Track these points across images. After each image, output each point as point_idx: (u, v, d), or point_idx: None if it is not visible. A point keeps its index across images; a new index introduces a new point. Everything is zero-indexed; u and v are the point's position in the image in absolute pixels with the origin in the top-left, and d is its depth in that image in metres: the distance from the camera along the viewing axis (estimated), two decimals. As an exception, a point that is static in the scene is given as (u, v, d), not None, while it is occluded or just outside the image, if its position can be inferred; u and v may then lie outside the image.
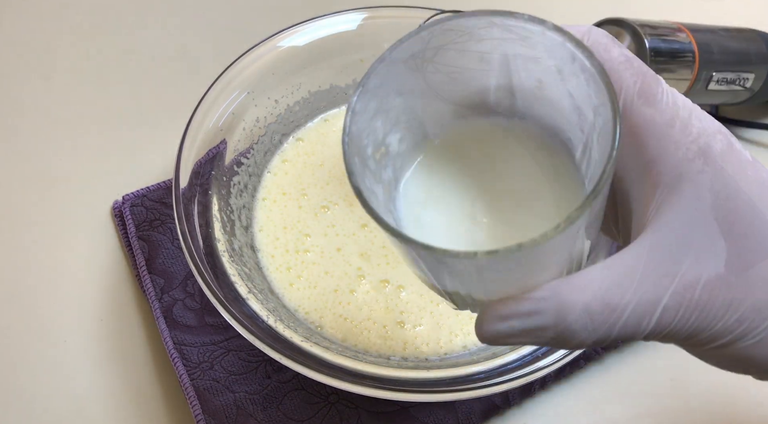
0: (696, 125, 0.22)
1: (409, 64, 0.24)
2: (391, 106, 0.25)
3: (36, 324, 0.43)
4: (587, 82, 0.22)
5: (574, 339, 0.21)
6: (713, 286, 0.21)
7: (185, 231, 0.39)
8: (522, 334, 0.22)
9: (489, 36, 0.24)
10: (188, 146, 0.42)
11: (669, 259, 0.21)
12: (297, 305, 0.42)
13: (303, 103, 0.49)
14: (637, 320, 0.21)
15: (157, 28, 0.59)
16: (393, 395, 0.35)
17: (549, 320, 0.21)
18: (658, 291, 0.21)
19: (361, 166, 0.24)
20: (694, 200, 0.21)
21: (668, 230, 0.21)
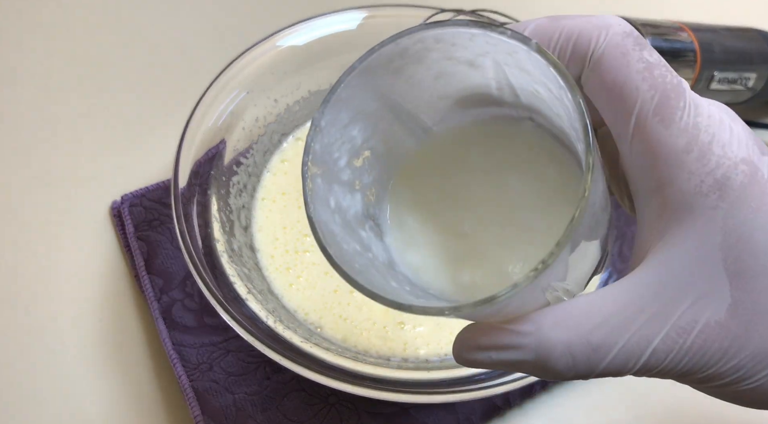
0: (716, 153, 0.20)
1: (386, 70, 0.23)
2: (370, 110, 0.24)
3: (34, 325, 0.43)
4: (572, 111, 0.21)
5: (553, 375, 0.20)
6: (710, 332, 0.19)
7: (184, 231, 0.39)
8: (499, 364, 0.21)
9: (474, 45, 0.22)
10: (187, 146, 0.42)
11: (665, 300, 0.19)
12: (296, 305, 0.42)
13: (303, 103, 0.49)
14: (623, 361, 0.20)
15: (156, 27, 0.59)
16: (393, 396, 0.35)
17: (529, 355, 0.20)
18: (649, 333, 0.19)
19: (325, 185, 0.23)
20: (702, 238, 0.19)
21: (669, 268, 0.20)
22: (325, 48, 0.49)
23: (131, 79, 0.56)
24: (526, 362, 0.20)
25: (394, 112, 0.25)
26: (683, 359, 0.20)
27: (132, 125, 0.53)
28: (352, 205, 0.24)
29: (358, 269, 0.22)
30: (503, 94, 0.25)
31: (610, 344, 0.19)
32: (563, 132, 0.24)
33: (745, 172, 0.20)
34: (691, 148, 0.20)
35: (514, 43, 0.21)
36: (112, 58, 0.57)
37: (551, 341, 0.20)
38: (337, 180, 0.24)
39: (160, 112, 0.53)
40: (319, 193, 0.23)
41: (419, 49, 0.23)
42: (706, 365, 0.20)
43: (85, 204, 0.48)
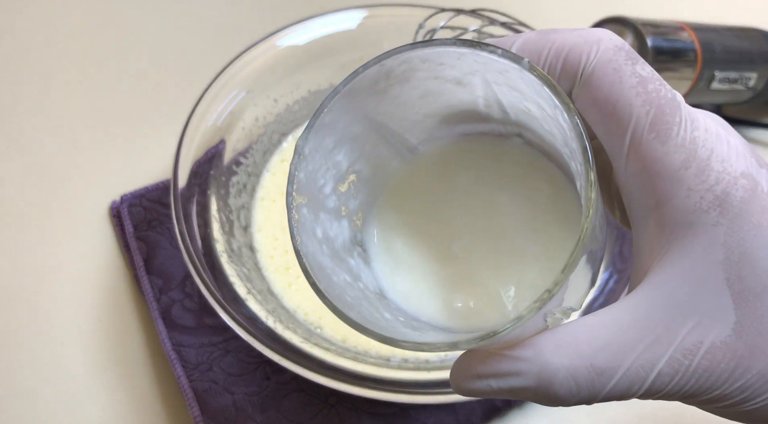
0: (716, 168, 0.19)
1: (370, 91, 0.22)
2: (355, 133, 0.23)
3: (33, 325, 0.43)
4: (568, 131, 0.20)
5: (556, 402, 0.20)
6: (716, 353, 0.19)
7: (183, 231, 0.39)
8: (499, 392, 0.20)
9: (462, 64, 0.22)
10: (187, 146, 0.42)
11: (669, 321, 0.19)
12: (296, 305, 0.42)
13: (302, 103, 0.49)
14: (627, 385, 0.19)
15: (156, 27, 0.59)
16: (393, 396, 0.35)
17: (530, 382, 0.19)
18: (653, 356, 0.19)
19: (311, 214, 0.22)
20: (703, 256, 0.19)
21: (671, 288, 0.19)
22: (325, 48, 0.49)
23: (131, 79, 0.56)
24: (528, 389, 0.19)
25: (379, 133, 0.24)
26: (689, 381, 0.19)
27: (131, 125, 0.53)
28: (340, 233, 0.23)
29: (350, 303, 0.21)
30: (491, 111, 0.24)
31: (614, 368, 0.19)
32: (554, 149, 0.23)
33: (745, 187, 0.19)
34: (689, 164, 0.19)
35: (504, 62, 0.20)
36: (112, 58, 0.57)
37: (553, 366, 0.19)
38: (323, 208, 0.23)
39: (160, 112, 0.53)
40: (305, 223, 0.22)
41: (405, 70, 0.22)
42: (712, 387, 0.19)
43: (84, 204, 0.48)
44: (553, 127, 0.22)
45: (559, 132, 0.21)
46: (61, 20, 0.59)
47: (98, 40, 0.58)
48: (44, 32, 0.58)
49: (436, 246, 0.24)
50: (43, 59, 0.56)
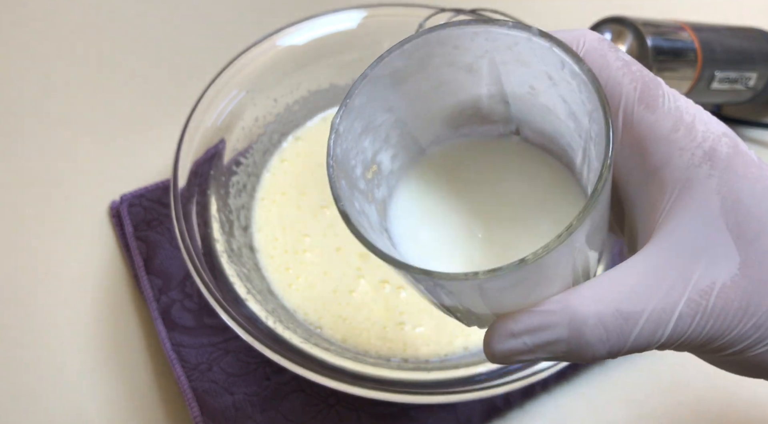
0: (700, 129, 0.21)
1: (393, 79, 0.24)
2: (380, 123, 0.25)
3: (33, 325, 0.43)
4: (579, 89, 0.22)
5: (589, 352, 0.21)
6: (728, 292, 0.20)
7: (183, 231, 0.39)
8: (534, 349, 0.21)
9: (474, 46, 0.23)
10: (186, 146, 0.42)
11: (681, 265, 0.20)
12: (296, 305, 0.42)
13: (302, 102, 0.49)
14: (652, 329, 0.20)
15: (155, 27, 0.59)
16: (393, 396, 0.35)
17: (562, 332, 0.20)
18: (673, 299, 0.20)
19: (348, 189, 0.23)
20: (703, 206, 0.21)
21: (678, 236, 0.21)
22: (325, 48, 0.49)
23: (131, 78, 0.56)
24: (560, 340, 0.20)
25: (398, 129, 0.25)
26: (708, 322, 0.20)
27: (131, 125, 0.53)
28: (371, 214, 0.25)
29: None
30: (493, 106, 0.25)
31: (639, 312, 0.20)
32: (552, 138, 0.25)
33: (728, 144, 0.21)
34: (678, 127, 0.21)
35: (515, 34, 0.22)
36: (112, 58, 0.57)
37: (582, 314, 0.20)
38: (356, 187, 0.24)
39: (160, 112, 0.53)
40: (345, 193, 0.23)
41: (422, 56, 0.23)
42: (729, 327, 0.21)
43: (84, 204, 0.48)
44: (557, 98, 0.23)
45: (568, 93, 0.22)
46: (61, 20, 0.59)
47: (98, 40, 0.58)
48: (44, 32, 0.58)
49: (457, 230, 0.25)
50: (43, 59, 0.56)
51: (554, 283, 0.21)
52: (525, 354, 0.21)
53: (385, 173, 0.26)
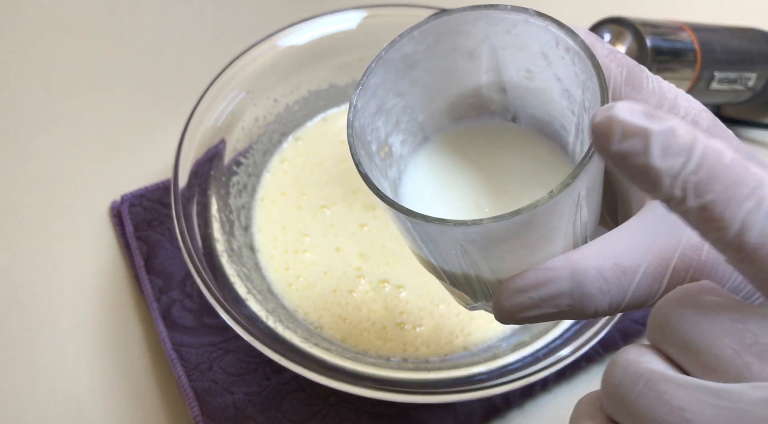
0: (683, 105, 0.23)
1: (404, 64, 0.25)
2: (391, 106, 0.26)
3: (34, 325, 0.43)
4: (572, 61, 0.23)
5: (591, 305, 0.22)
6: None
7: (184, 231, 0.39)
8: (540, 303, 0.22)
9: (476, 31, 0.25)
10: (187, 146, 0.42)
11: (673, 223, 0.22)
12: (296, 305, 0.42)
13: (302, 103, 0.49)
14: (649, 282, 0.22)
15: (156, 27, 0.59)
16: (393, 396, 0.35)
17: (565, 285, 0.22)
18: (667, 253, 0.22)
19: (367, 159, 0.24)
20: None
21: None
22: (325, 48, 0.49)
23: (131, 79, 0.56)
24: (564, 293, 0.22)
25: (407, 115, 0.27)
26: (701, 276, 0.22)
27: (131, 125, 0.53)
28: (386, 188, 0.26)
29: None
30: (491, 94, 0.27)
31: (636, 266, 0.21)
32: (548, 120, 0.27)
33: (708, 118, 0.23)
34: (662, 103, 0.23)
35: (513, 16, 0.24)
36: (112, 58, 0.57)
37: (583, 268, 0.21)
38: (374, 163, 0.26)
39: (160, 112, 0.53)
40: (365, 161, 0.24)
41: (430, 41, 0.25)
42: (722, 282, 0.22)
43: (84, 204, 0.48)
44: (551, 78, 0.25)
45: (564, 71, 0.24)
46: (61, 20, 0.59)
47: (98, 41, 0.58)
48: (45, 32, 0.58)
49: (466, 207, 0.27)
50: (43, 59, 0.56)
51: (555, 242, 0.23)
52: (531, 309, 0.22)
53: (396, 156, 0.27)
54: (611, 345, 0.42)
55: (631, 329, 0.43)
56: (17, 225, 0.47)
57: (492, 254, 0.23)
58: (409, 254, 0.44)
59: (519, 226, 0.21)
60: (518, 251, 0.23)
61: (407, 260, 0.43)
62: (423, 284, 0.43)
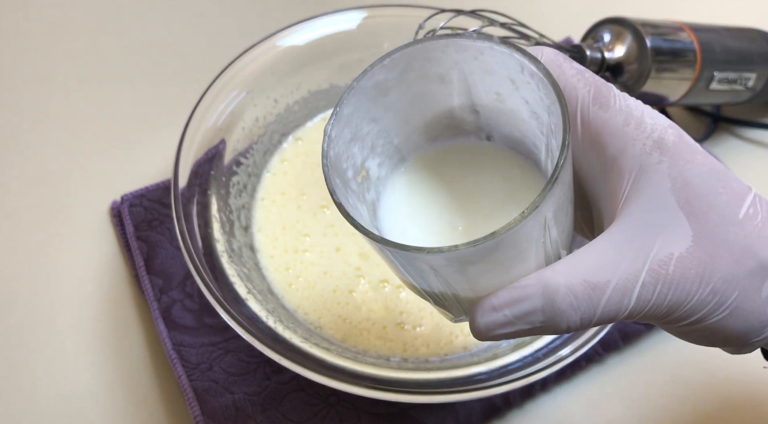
0: (649, 122, 0.24)
1: (376, 91, 0.26)
2: (366, 132, 0.27)
3: (34, 325, 0.43)
4: (537, 87, 0.24)
5: (563, 320, 0.23)
6: (684, 261, 0.23)
7: (184, 231, 0.39)
8: (514, 321, 0.23)
9: (445, 57, 0.26)
10: (187, 146, 0.42)
11: (641, 240, 0.23)
12: (296, 305, 0.42)
13: (302, 103, 0.49)
14: (618, 298, 0.22)
15: (155, 27, 0.59)
16: (393, 396, 0.35)
17: (537, 303, 0.23)
18: (635, 269, 0.23)
19: (342, 186, 0.25)
20: (656, 188, 0.23)
21: (636, 216, 0.23)
22: (325, 48, 0.49)
23: (131, 79, 0.56)
24: (536, 309, 0.23)
25: (383, 139, 0.28)
26: (669, 290, 0.23)
27: (132, 125, 0.53)
28: (363, 212, 0.27)
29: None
30: (464, 115, 0.28)
31: (605, 282, 0.22)
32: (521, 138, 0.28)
33: (674, 134, 0.24)
34: (629, 121, 0.24)
35: (480, 44, 0.25)
36: (112, 58, 0.57)
37: (554, 285, 0.22)
38: (350, 188, 0.27)
39: (160, 113, 0.53)
40: (340, 189, 0.25)
41: (401, 70, 0.26)
42: (689, 294, 0.23)
43: (84, 204, 0.48)
44: (520, 101, 0.26)
45: (530, 94, 0.25)
46: (61, 21, 0.59)
47: (99, 41, 0.58)
48: (45, 33, 0.58)
49: (440, 225, 0.28)
50: (43, 60, 0.56)
51: (528, 261, 0.24)
52: (506, 326, 0.23)
53: (373, 179, 0.28)
54: (611, 345, 0.42)
55: (631, 329, 0.43)
56: (17, 225, 0.47)
57: (468, 275, 0.24)
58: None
59: (490, 249, 0.22)
60: (492, 271, 0.24)
61: (407, 260, 0.44)
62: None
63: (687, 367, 0.42)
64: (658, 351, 0.43)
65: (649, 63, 0.44)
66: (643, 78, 0.45)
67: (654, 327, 0.43)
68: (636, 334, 0.43)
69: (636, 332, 0.43)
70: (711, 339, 0.25)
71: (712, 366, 0.43)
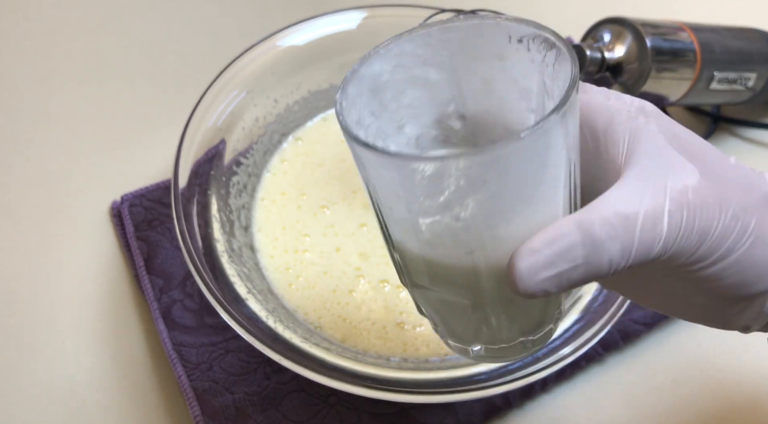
0: (626, 99, 0.26)
1: (373, 84, 0.26)
2: (368, 124, 0.27)
3: (34, 325, 0.43)
4: (527, 48, 0.25)
5: (604, 253, 0.23)
6: (700, 190, 0.24)
7: (184, 231, 0.39)
8: (555, 260, 0.23)
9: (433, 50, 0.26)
10: (187, 146, 0.42)
11: (653, 180, 0.24)
12: (296, 305, 0.42)
13: (302, 103, 0.49)
14: (651, 224, 0.23)
15: (156, 27, 0.59)
16: (393, 396, 0.35)
17: (575, 237, 0.23)
18: (658, 200, 0.23)
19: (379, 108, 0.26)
20: (652, 142, 0.25)
21: (642, 164, 0.24)
22: (325, 48, 0.49)
23: (131, 79, 0.56)
24: (575, 244, 0.23)
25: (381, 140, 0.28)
26: (695, 217, 0.23)
27: (132, 125, 0.53)
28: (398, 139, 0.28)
29: None
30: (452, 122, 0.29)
31: (636, 212, 0.23)
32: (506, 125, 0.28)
33: (649, 105, 0.26)
34: (609, 96, 0.26)
35: (465, 24, 0.25)
36: (112, 58, 0.57)
37: (588, 219, 0.23)
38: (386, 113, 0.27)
39: (160, 113, 0.53)
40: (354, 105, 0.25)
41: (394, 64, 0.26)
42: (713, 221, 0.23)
43: (85, 204, 0.48)
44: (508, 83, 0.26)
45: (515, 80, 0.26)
46: (61, 21, 0.59)
47: (99, 41, 0.58)
48: (45, 33, 0.58)
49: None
50: (44, 60, 0.56)
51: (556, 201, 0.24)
52: (548, 268, 0.23)
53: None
54: (611, 345, 0.42)
55: (631, 329, 0.43)
56: (18, 225, 0.47)
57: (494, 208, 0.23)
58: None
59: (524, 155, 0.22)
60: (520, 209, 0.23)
61: (407, 259, 0.44)
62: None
63: (687, 367, 0.42)
64: (658, 351, 0.43)
65: (649, 63, 0.45)
66: (643, 78, 0.45)
67: (654, 327, 0.43)
68: (636, 334, 0.43)
69: (636, 332, 0.43)
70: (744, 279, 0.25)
71: (712, 366, 0.43)
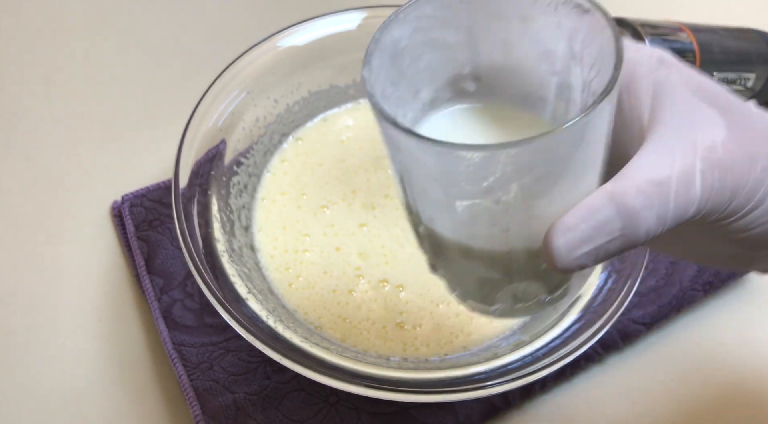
0: (644, 47, 0.25)
1: (393, 50, 0.26)
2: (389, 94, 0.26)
3: (34, 325, 0.43)
4: (555, 8, 0.24)
5: (641, 223, 0.22)
6: (729, 145, 0.23)
7: (184, 231, 0.39)
8: (593, 234, 0.23)
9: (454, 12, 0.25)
10: (187, 146, 0.42)
11: (682, 138, 0.23)
12: (296, 305, 0.42)
13: (303, 103, 0.49)
14: (685, 188, 0.23)
15: (156, 28, 0.59)
16: (393, 395, 0.35)
17: (610, 209, 0.22)
18: (689, 161, 0.23)
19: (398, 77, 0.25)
20: (678, 94, 0.24)
21: (669, 122, 0.24)
22: (325, 48, 0.49)
23: (132, 79, 0.56)
24: (611, 217, 0.22)
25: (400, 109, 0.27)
26: (726, 174, 0.23)
27: (132, 125, 0.53)
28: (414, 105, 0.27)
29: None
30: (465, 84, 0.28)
31: (667, 177, 0.23)
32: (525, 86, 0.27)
33: (669, 55, 0.25)
34: (629, 48, 0.25)
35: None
36: (113, 58, 0.57)
37: (620, 190, 0.22)
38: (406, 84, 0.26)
39: (161, 113, 0.53)
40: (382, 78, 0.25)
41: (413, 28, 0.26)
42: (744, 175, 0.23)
43: (85, 204, 0.48)
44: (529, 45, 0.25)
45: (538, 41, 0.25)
46: (61, 20, 0.59)
47: (99, 41, 0.58)
48: (45, 32, 0.58)
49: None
50: (44, 59, 0.56)
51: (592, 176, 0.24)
52: (586, 243, 0.23)
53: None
54: (611, 345, 0.42)
55: (631, 329, 0.43)
56: (18, 225, 0.47)
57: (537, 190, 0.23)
58: (409, 253, 0.44)
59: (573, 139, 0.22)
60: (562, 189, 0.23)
61: (407, 259, 0.44)
62: (423, 283, 0.43)
63: (687, 367, 0.42)
64: (658, 351, 0.43)
65: (649, 63, 0.45)
66: (643, 78, 0.45)
67: (653, 327, 0.43)
68: (635, 334, 0.43)
69: (635, 331, 0.43)
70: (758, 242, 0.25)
71: (712, 366, 0.43)
